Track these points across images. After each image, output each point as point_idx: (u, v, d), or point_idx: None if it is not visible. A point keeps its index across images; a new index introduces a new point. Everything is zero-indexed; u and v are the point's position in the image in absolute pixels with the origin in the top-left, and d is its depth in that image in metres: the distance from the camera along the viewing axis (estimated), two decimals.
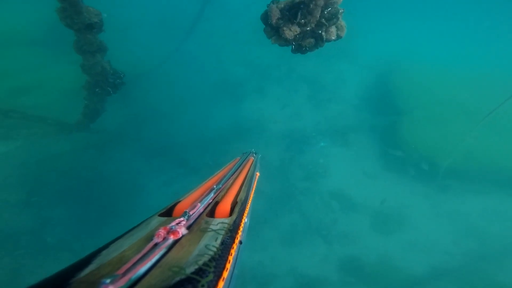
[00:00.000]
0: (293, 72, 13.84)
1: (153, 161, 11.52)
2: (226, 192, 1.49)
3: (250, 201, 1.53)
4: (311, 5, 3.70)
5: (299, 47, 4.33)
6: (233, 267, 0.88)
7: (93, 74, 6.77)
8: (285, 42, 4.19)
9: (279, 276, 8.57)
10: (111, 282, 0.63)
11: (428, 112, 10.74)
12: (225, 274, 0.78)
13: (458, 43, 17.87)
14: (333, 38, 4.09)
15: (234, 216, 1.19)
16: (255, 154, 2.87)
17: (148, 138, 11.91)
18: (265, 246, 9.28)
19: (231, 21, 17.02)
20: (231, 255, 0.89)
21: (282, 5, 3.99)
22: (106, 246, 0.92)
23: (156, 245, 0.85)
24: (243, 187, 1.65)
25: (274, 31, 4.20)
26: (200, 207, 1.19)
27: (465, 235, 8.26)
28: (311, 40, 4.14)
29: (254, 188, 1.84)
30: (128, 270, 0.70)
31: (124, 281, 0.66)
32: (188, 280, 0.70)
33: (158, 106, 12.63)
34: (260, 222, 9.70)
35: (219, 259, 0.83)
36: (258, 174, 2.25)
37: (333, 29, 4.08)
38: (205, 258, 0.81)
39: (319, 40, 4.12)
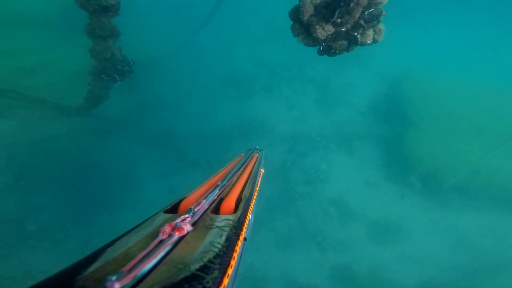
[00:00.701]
0: (303, 74, 13.57)
1: (152, 152, 11.32)
2: (231, 188, 1.48)
3: (254, 198, 1.53)
4: (352, 4, 3.36)
5: (328, 49, 3.98)
6: (238, 264, 0.88)
7: (101, 60, 6.39)
8: (313, 42, 3.85)
9: (270, 280, 8.41)
10: (117, 279, 0.64)
11: (437, 125, 10.49)
12: (230, 271, 0.78)
13: (475, 57, 17.49)
14: (368, 42, 3.72)
15: (238, 213, 1.19)
16: (260, 150, 2.87)
17: (149, 128, 11.70)
18: (259, 248, 9.11)
19: (244, 17, 16.71)
20: (235, 252, 0.89)
21: (318, 1, 3.61)
22: (111, 243, 0.91)
23: (161, 242, 0.85)
24: (248, 184, 1.63)
25: (303, 28, 3.86)
26: (205, 204, 1.19)
27: (459, 250, 8.16)
28: (343, 42, 3.78)
29: (258, 185, 1.84)
30: (134, 267, 0.70)
31: (129, 278, 0.66)
32: (193, 277, 0.71)
33: (162, 96, 12.42)
34: (257, 224, 9.48)
35: (224, 256, 0.83)
36: (262, 171, 2.25)
37: (370, 32, 3.70)
38: (210, 255, 0.82)
39: (352, 43, 3.78)
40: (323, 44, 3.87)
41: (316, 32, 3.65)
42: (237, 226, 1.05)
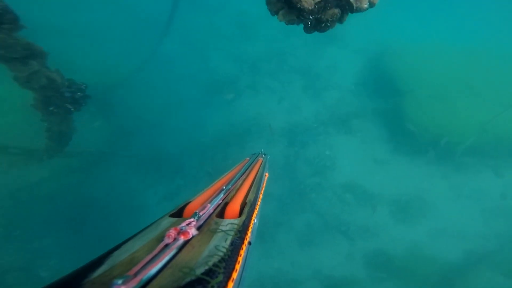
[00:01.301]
0: (284, 64, 13.08)
1: (148, 176, 10.59)
2: (236, 193, 1.48)
3: (259, 202, 1.53)
4: None
5: (318, 23, 3.33)
6: (242, 268, 0.87)
7: (38, 89, 5.16)
8: (298, 17, 3.18)
9: (303, 282, 7.97)
10: (123, 283, 0.63)
11: (429, 90, 10.29)
12: (235, 275, 0.77)
13: (449, 17, 17.54)
14: (365, 6, 3.10)
15: (243, 217, 1.19)
16: (264, 155, 2.88)
17: (138, 152, 10.91)
18: (283, 251, 8.65)
19: (211, 16, 15.94)
20: (240, 256, 0.87)
21: None
22: (117, 247, 0.89)
23: (166, 245, 0.85)
24: (252, 188, 1.63)
25: (282, 1, 3.10)
26: (210, 208, 1.18)
27: (493, 214, 7.74)
28: (335, 11, 3.05)
29: (263, 189, 1.84)
30: (140, 271, 0.70)
31: (135, 281, 0.65)
32: (198, 281, 0.71)
33: (143, 116, 11.58)
34: (274, 226, 9.04)
35: (228, 260, 0.82)
36: (267, 175, 2.25)
37: None
38: (215, 259, 0.81)
39: (346, 11, 3.18)
40: (311, 17, 3.18)
41: (300, 2, 3.01)
42: (242, 230, 1.04)
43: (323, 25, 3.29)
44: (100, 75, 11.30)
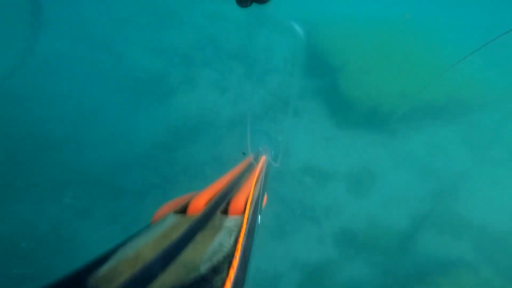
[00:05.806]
0: (220, 51, 11.36)
1: (80, 201, 8.03)
2: (240, 189, 1.42)
3: (265, 199, 1.62)
4: None
5: None
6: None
7: None
8: None
9: (283, 275, 7.44)
10: (128, 280, 0.60)
11: (356, 65, 10.50)
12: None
13: None
14: None
15: (246, 213, 1.15)
16: (267, 151, 3.03)
17: (48, 177, 8.04)
18: (258, 248, 7.87)
19: (109, 4, 12.20)
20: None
21: None
22: (123, 244, 0.84)
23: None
24: (256, 185, 1.54)
25: None
26: (214, 205, 1.13)
27: (423, 176, 8.14)
28: None
29: (266, 186, 1.90)
30: (145, 268, 0.67)
31: (140, 278, 0.62)
32: (203, 277, 0.68)
33: (46, 133, 8.46)
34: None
35: (232, 257, 0.79)
36: (270, 171, 2.29)
37: None
38: (219, 256, 0.79)
39: None
40: None
41: None
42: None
43: None
44: None
